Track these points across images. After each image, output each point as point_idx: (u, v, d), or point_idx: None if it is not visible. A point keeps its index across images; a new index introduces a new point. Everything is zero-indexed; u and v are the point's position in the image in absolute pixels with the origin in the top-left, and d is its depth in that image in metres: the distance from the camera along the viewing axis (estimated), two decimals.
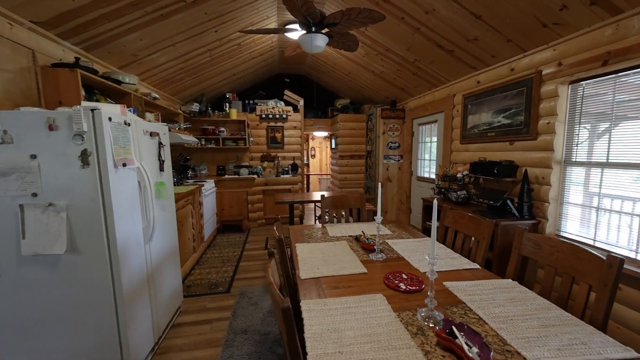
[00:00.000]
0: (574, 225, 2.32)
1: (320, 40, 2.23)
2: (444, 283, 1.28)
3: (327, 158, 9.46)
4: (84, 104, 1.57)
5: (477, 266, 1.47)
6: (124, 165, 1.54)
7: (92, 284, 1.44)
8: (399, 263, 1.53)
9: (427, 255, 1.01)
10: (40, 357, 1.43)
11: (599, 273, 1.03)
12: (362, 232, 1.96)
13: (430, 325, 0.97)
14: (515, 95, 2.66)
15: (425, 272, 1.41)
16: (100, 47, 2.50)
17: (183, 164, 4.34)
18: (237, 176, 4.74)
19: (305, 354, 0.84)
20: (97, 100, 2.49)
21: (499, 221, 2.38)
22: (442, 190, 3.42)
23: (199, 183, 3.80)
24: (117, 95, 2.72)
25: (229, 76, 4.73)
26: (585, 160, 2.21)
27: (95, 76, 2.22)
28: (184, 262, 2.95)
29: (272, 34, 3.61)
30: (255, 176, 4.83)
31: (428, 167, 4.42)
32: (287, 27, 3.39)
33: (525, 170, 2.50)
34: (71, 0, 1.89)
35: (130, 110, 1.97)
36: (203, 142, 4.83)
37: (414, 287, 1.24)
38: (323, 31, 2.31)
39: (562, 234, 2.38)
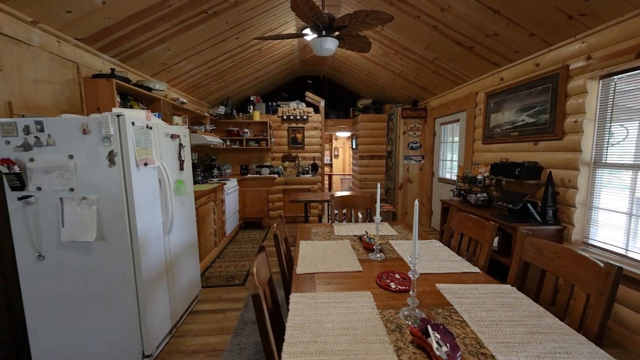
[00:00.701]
0: (605, 232, 2.13)
1: (329, 44, 2.28)
2: (437, 285, 1.27)
3: (350, 158, 9.44)
4: (114, 110, 1.77)
5: (478, 270, 1.43)
6: (145, 164, 1.72)
7: (116, 269, 1.63)
8: (396, 263, 1.54)
9: (409, 255, 1.03)
10: (74, 329, 1.65)
11: (597, 281, 0.97)
12: (366, 232, 1.98)
13: (409, 323, 0.99)
14: (540, 92, 2.50)
15: (421, 273, 1.41)
16: (134, 57, 2.77)
17: (209, 164, 4.62)
18: (258, 175, 4.94)
19: (283, 340, 0.91)
20: (131, 106, 2.77)
21: (518, 226, 2.25)
22: (462, 192, 3.29)
23: (222, 181, 4.03)
24: (149, 101, 3.00)
25: (252, 80, 4.94)
26: (618, 161, 2.02)
27: (128, 84, 2.48)
28: (205, 255, 3.16)
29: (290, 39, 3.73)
30: (276, 176, 5.00)
31: (450, 167, 4.27)
32: (303, 31, 3.47)
33: (550, 172, 2.34)
34: (107, 18, 2.13)
35: (155, 115, 2.17)
36: (228, 143, 5.10)
37: (403, 287, 1.25)
38: (334, 34, 2.36)
39: (591, 242, 2.20)
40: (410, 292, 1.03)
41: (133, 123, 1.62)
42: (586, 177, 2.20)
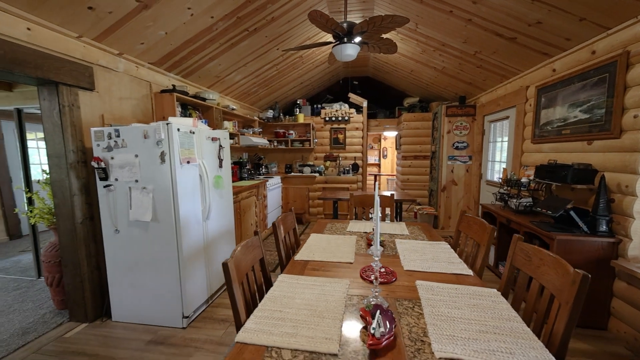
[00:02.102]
0: None
1: (349, 50, 2.40)
2: (417, 282, 1.31)
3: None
4: (170, 118, 2.23)
5: (471, 273, 1.41)
6: (188, 162, 2.13)
7: (165, 244, 2.07)
8: (389, 259, 1.60)
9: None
10: (137, 287, 2.16)
11: (566, 289, 0.92)
12: (373, 229, 2.05)
13: (363, 306, 1.09)
14: (595, 83, 2.18)
15: (407, 270, 1.46)
16: (193, 73, 3.33)
17: (257, 162, 5.14)
18: (300, 174, 5.27)
19: (251, 307, 1.11)
20: (190, 114, 3.34)
21: (556, 235, 2.03)
22: (505, 196, 3.02)
23: (265, 179, 4.47)
24: (204, 109, 3.55)
25: (297, 84, 5.29)
26: None
27: (186, 96, 3.02)
28: None
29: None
30: (317, 174, 5.26)
31: (499, 169, 3.89)
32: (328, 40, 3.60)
33: (602, 176, 2.03)
34: (169, 44, 2.65)
35: (202, 121, 2.61)
36: (275, 144, 5.56)
37: (382, 280, 1.33)
38: (357, 40, 2.47)
39: None
40: (374, 282, 1.13)
41: (178, 129, 2.03)
42: None
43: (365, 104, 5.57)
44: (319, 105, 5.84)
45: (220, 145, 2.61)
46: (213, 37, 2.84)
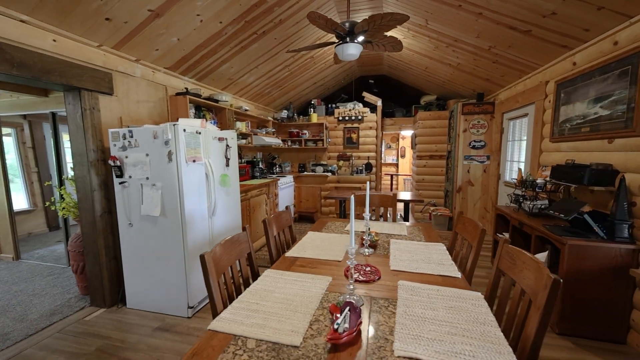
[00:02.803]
0: None
1: (351, 49, 2.40)
2: (400, 282, 1.30)
3: None
4: (180, 119, 2.36)
5: (459, 275, 1.37)
6: (194, 161, 2.25)
7: (172, 238, 2.20)
8: (377, 259, 1.60)
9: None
10: (148, 277, 2.32)
11: (540, 293, 0.87)
12: (368, 228, 2.04)
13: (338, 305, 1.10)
14: (617, 77, 2.01)
15: (393, 270, 1.45)
16: (206, 76, 3.49)
17: (271, 162, 5.26)
18: (312, 173, 5.32)
19: (234, 299, 1.17)
20: (204, 115, 3.51)
21: (568, 240, 1.91)
22: (519, 198, 2.86)
23: (277, 177, 4.57)
24: (217, 110, 3.71)
25: (310, 85, 5.35)
26: None
27: (198, 98, 3.17)
28: (255, 240, 3.70)
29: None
30: (329, 174, 5.28)
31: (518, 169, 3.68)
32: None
33: (622, 178, 1.88)
34: (182, 50, 2.81)
35: (211, 122, 2.74)
36: (289, 144, 5.66)
37: (364, 278, 1.34)
38: (359, 39, 2.47)
39: None
40: (349, 280, 1.14)
41: (184, 130, 2.15)
42: None
43: (379, 102, 5.50)
44: (334, 105, 5.85)
45: (227, 145, 2.72)
46: (223, 41, 2.96)
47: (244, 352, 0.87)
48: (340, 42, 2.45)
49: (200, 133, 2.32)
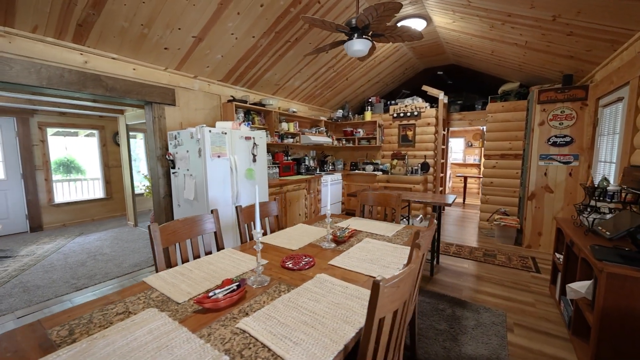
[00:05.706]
0: None
1: (357, 45, 2.39)
2: (319, 274, 1.32)
3: None
4: (218, 123, 2.88)
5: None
6: (219, 156, 2.71)
7: None
8: (329, 254, 1.60)
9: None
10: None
11: None
12: (349, 226, 2.01)
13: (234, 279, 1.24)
14: None
15: (330, 264, 1.46)
16: (255, 84, 4.02)
17: (322, 159, 5.51)
18: (362, 172, 5.28)
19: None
20: (253, 118, 4.05)
21: (605, 266, 1.43)
22: (587, 209, 2.19)
23: (321, 174, 4.77)
24: (265, 113, 4.20)
25: (364, 82, 5.31)
26: None
27: (244, 104, 3.71)
28: None
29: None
30: (379, 173, 5.13)
31: (613, 171, 2.73)
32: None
33: None
34: (227, 64, 3.36)
35: (245, 124, 3.18)
36: (343, 142, 5.77)
37: (294, 267, 1.41)
38: (368, 34, 2.43)
39: None
40: (257, 262, 1.26)
41: (210, 131, 2.63)
42: None
43: (441, 95, 4.97)
44: (393, 102, 5.61)
45: (255, 144, 3.11)
46: (260, 52, 3.37)
47: (145, 298, 1.13)
48: (347, 39, 2.46)
49: (225, 133, 2.77)
